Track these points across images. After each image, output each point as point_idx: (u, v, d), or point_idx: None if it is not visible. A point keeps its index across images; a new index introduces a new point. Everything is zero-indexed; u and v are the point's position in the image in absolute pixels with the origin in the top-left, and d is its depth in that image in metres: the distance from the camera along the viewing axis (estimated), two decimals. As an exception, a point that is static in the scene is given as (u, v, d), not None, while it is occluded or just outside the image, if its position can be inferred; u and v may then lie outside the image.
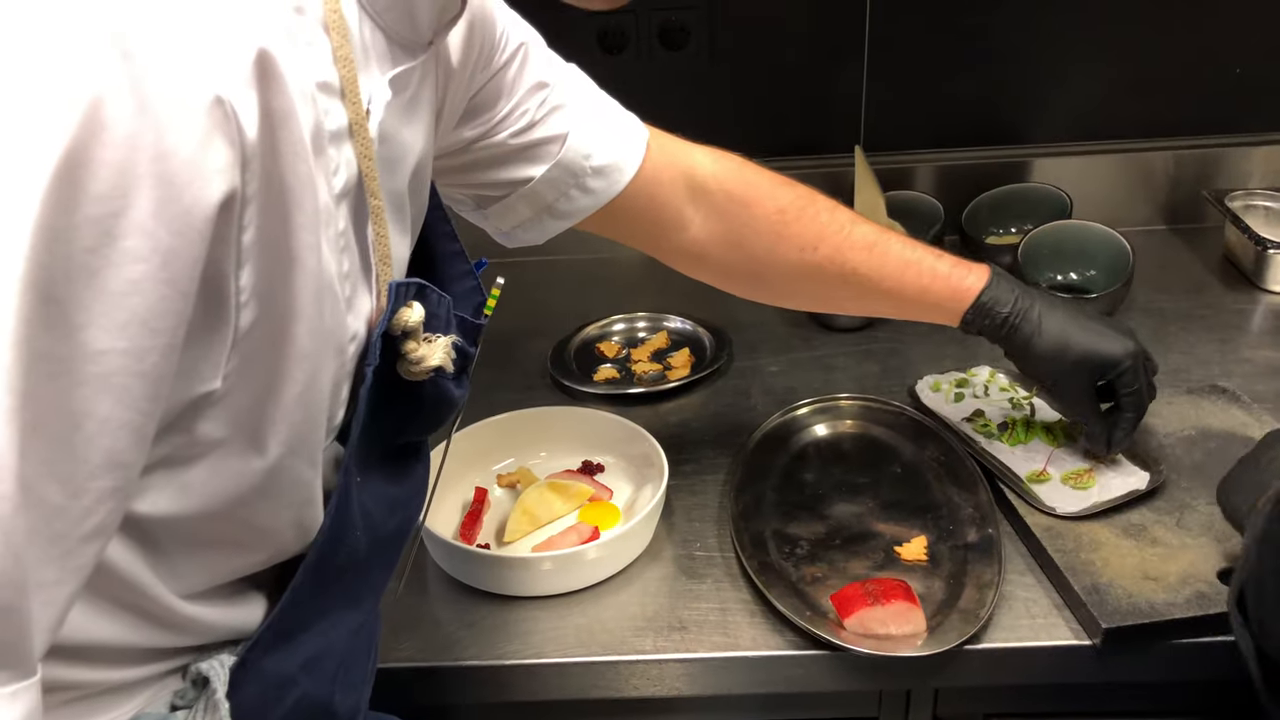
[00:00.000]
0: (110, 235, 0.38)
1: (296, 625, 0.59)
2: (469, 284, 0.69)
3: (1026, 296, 0.95)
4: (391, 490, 0.65)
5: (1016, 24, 1.42)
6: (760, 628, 0.89)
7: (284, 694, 0.59)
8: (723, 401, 1.20)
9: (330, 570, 0.59)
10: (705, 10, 1.40)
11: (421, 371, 0.59)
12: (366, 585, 0.65)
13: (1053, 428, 1.05)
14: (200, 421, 0.48)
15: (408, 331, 0.57)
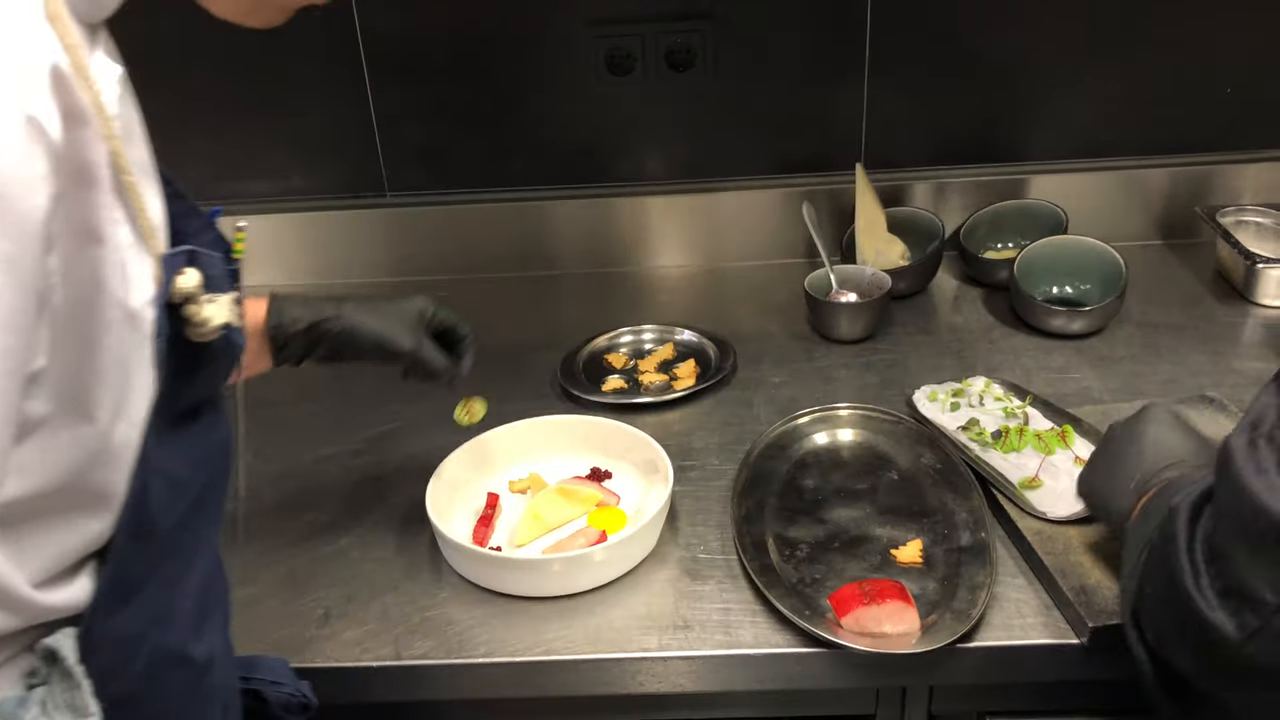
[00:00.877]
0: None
1: (132, 586, 0.62)
2: (211, 235, 0.70)
3: (321, 304, 0.97)
4: (195, 449, 0.68)
5: (1014, 45, 1.46)
6: (761, 627, 0.93)
7: (137, 650, 0.63)
8: (727, 411, 1.24)
9: (147, 531, 0.62)
10: (710, 32, 1.45)
11: (211, 331, 0.62)
12: (195, 539, 0.69)
13: (1044, 436, 1.09)
14: (28, 401, 0.53)
15: (188, 297, 0.60)
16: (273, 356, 0.97)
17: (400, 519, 1.09)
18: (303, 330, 0.95)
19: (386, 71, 1.49)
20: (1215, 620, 0.59)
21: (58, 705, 0.58)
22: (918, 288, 1.46)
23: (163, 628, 0.65)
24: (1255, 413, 0.60)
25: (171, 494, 0.64)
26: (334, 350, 0.97)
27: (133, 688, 0.63)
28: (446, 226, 1.57)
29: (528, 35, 1.47)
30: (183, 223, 0.68)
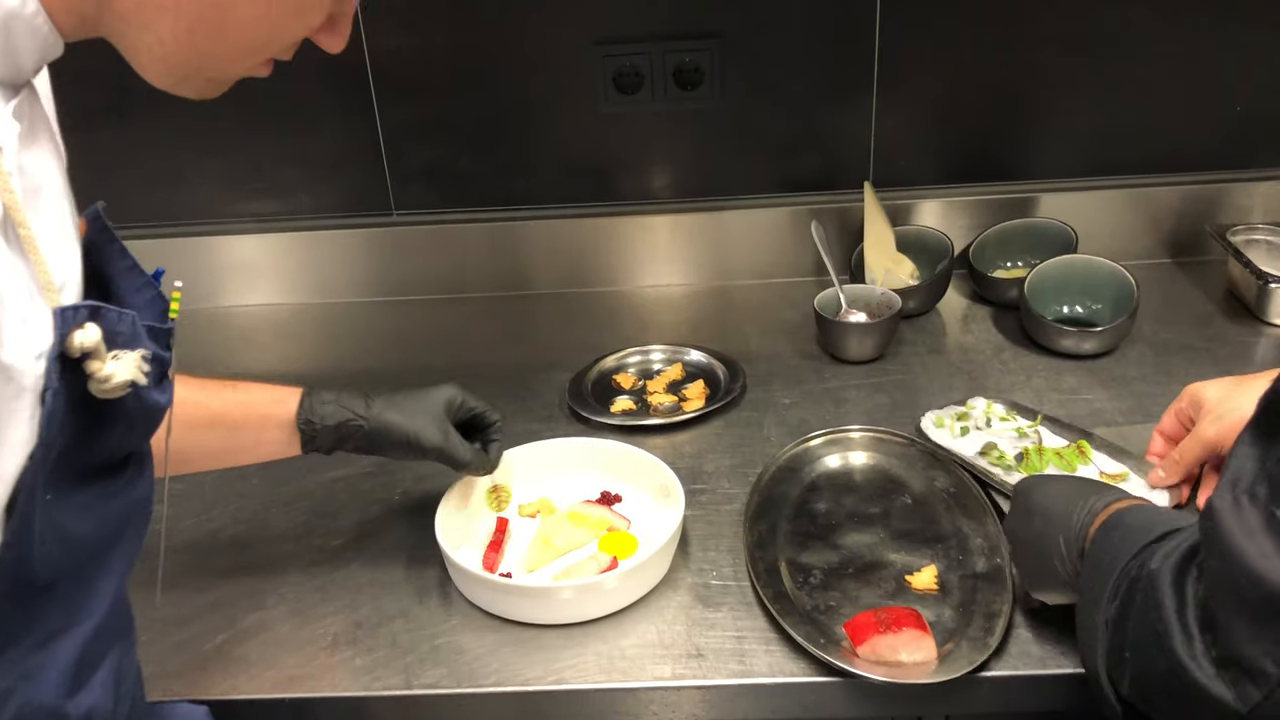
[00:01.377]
0: None
1: (3, 640, 0.60)
2: (149, 294, 0.69)
3: (352, 401, 1.00)
4: (100, 504, 0.66)
5: (1023, 63, 1.46)
6: (775, 655, 0.92)
7: (1, 706, 0.61)
8: (736, 433, 1.23)
9: (24, 587, 0.60)
10: (719, 51, 1.44)
11: (113, 389, 0.60)
12: (86, 594, 0.67)
13: (1064, 453, 1.08)
14: None
15: (88, 353, 0.59)
16: (302, 447, 1.00)
17: (410, 543, 1.08)
18: (331, 428, 0.99)
19: (394, 91, 1.49)
20: (1214, 691, 0.57)
21: None
22: (927, 307, 1.45)
23: (33, 684, 0.63)
24: (1233, 470, 0.58)
25: (63, 550, 0.62)
26: (362, 447, 1.01)
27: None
28: (453, 245, 1.57)
29: (535, 54, 1.47)
30: (120, 280, 0.68)
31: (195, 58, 0.64)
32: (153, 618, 0.98)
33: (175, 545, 1.08)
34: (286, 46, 0.69)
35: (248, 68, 0.67)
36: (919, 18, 1.43)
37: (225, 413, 0.96)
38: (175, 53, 0.63)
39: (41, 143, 0.63)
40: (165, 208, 1.55)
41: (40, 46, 0.60)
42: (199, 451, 0.97)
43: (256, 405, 0.98)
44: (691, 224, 1.55)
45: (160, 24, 0.61)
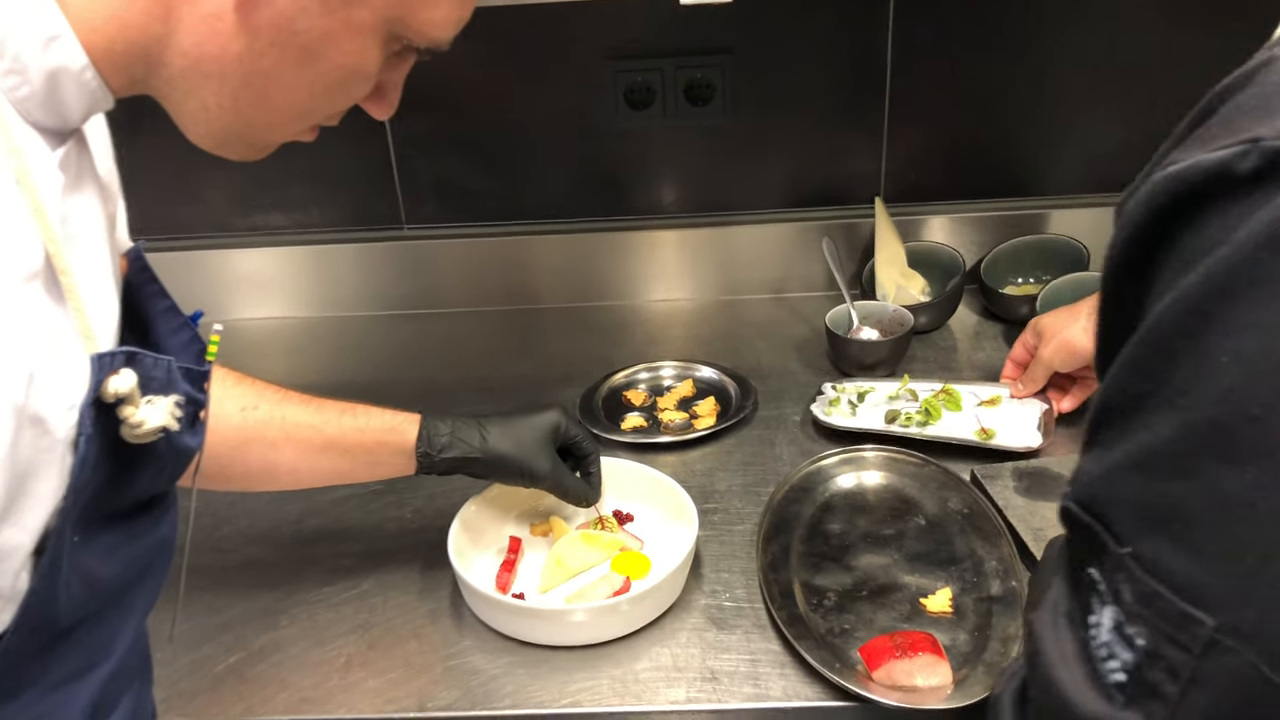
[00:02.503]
0: None
1: (21, 683, 0.60)
2: (186, 335, 0.71)
3: (468, 431, 1.02)
4: (125, 545, 0.66)
5: (1034, 78, 1.46)
6: (790, 679, 0.91)
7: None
8: (748, 451, 1.23)
9: (47, 629, 0.61)
10: (730, 67, 1.44)
11: (145, 434, 0.60)
12: (108, 635, 0.67)
13: (938, 396, 1.25)
14: None
15: (122, 398, 0.59)
16: (417, 471, 1.02)
17: (421, 562, 1.08)
18: (450, 459, 1.01)
19: (404, 105, 1.48)
20: None
21: None
22: (938, 323, 1.45)
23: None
24: (1054, 591, 0.55)
25: (87, 593, 0.63)
26: (476, 474, 1.04)
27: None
28: (463, 259, 1.57)
29: (547, 69, 1.47)
30: (158, 323, 0.69)
31: (239, 124, 0.65)
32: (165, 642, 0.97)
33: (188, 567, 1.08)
34: (331, 115, 0.69)
35: (291, 134, 0.68)
36: (930, 34, 1.43)
37: (341, 437, 0.98)
38: (219, 118, 0.64)
39: (86, 190, 0.64)
40: (178, 221, 1.55)
41: (88, 101, 0.60)
42: (313, 473, 1.00)
43: (374, 432, 0.99)
44: (702, 239, 1.55)
45: (205, 90, 0.62)
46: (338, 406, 1.00)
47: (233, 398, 0.95)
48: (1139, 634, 0.47)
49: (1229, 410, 0.44)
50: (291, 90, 0.64)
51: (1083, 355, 1.17)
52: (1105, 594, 0.49)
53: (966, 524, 1.06)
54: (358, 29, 0.63)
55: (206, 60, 0.61)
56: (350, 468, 1.00)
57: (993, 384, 1.27)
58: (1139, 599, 0.47)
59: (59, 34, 0.57)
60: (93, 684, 0.65)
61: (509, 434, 1.02)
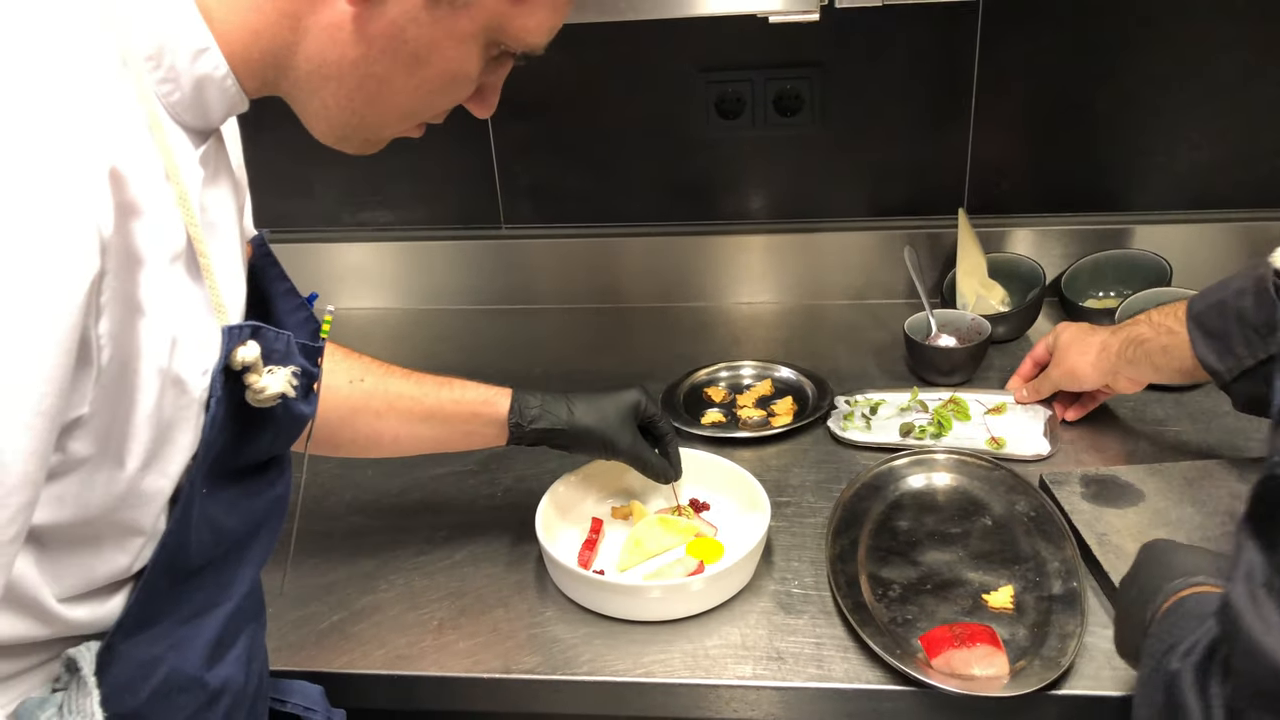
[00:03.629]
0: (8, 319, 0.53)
1: (157, 614, 0.69)
2: (303, 315, 0.79)
3: (556, 405, 1.09)
4: (246, 500, 0.75)
5: (1120, 95, 1.47)
6: (853, 662, 0.96)
7: (151, 671, 0.70)
8: (823, 450, 1.28)
9: (180, 568, 0.69)
10: (818, 80, 1.49)
11: (266, 399, 0.69)
12: (230, 579, 0.76)
13: (947, 406, 1.30)
14: (71, 441, 0.60)
15: (248, 366, 0.67)
16: (509, 441, 1.10)
17: (510, 537, 1.16)
18: (539, 430, 1.08)
19: (506, 112, 1.57)
20: None
21: (73, 710, 0.65)
22: (1017, 333, 1.47)
23: (179, 654, 0.72)
24: (1245, 564, 0.57)
25: (213, 540, 0.72)
26: (561, 445, 1.11)
27: (143, 706, 0.70)
28: (557, 258, 1.65)
29: (642, 79, 1.54)
30: (279, 302, 0.78)
31: (355, 121, 0.73)
32: (277, 595, 1.07)
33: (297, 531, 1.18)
34: (436, 114, 0.77)
35: (401, 130, 0.76)
36: (1017, 50, 1.46)
37: (439, 408, 1.07)
38: (338, 116, 0.72)
39: (222, 184, 0.73)
40: (294, 216, 1.67)
41: (228, 104, 0.69)
42: (413, 441, 1.08)
43: (469, 403, 1.08)
44: (786, 244, 1.60)
45: (326, 91, 0.70)
46: (436, 380, 1.08)
47: (342, 371, 1.04)
48: None
49: None
50: (401, 92, 0.72)
51: (1086, 384, 1.22)
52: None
53: (1032, 526, 1.09)
54: (461, 37, 0.70)
55: (327, 65, 0.69)
56: (448, 436, 1.08)
57: (998, 392, 1.33)
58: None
59: (206, 46, 0.66)
60: (216, 620, 0.75)
61: (593, 409, 1.09)
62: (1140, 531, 1.06)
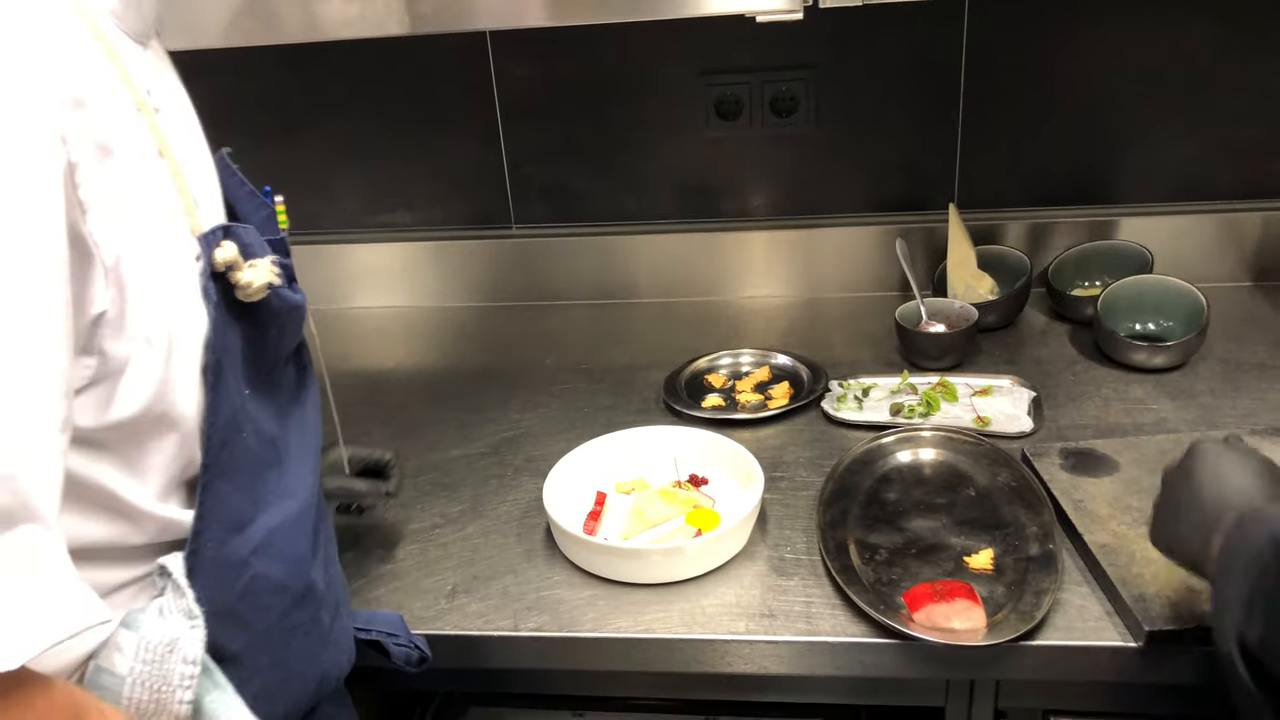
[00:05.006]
0: None
1: (230, 518, 0.76)
2: (266, 212, 0.85)
3: None
4: (282, 402, 0.81)
5: (1105, 89, 1.54)
6: (839, 619, 1.02)
7: (240, 574, 0.77)
8: (817, 429, 1.34)
9: (239, 471, 0.76)
10: (813, 81, 1.57)
11: (257, 291, 0.75)
12: (292, 482, 0.82)
13: (935, 389, 1.35)
14: (105, 341, 0.66)
15: (230, 265, 0.73)
16: None
17: (520, 512, 1.22)
18: None
19: (517, 117, 1.66)
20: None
21: (172, 611, 0.72)
22: (1006, 321, 1.54)
23: (264, 558, 0.79)
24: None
25: (260, 443, 0.78)
26: None
27: (235, 605, 0.77)
28: (566, 257, 1.72)
29: (645, 83, 1.62)
30: (244, 205, 0.84)
31: None
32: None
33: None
34: None
35: None
36: (1003, 50, 1.52)
37: None
38: None
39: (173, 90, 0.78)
40: (317, 218, 1.75)
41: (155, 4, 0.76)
42: None
43: None
44: (785, 240, 1.67)
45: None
46: None
47: None
48: None
49: None
50: None
51: None
52: None
53: (1013, 495, 1.15)
54: None
55: None
56: None
57: (985, 375, 1.40)
58: None
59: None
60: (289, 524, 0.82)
61: None
62: (1115, 498, 1.12)
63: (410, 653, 1.00)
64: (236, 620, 0.77)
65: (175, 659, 0.70)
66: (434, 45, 1.54)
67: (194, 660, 0.71)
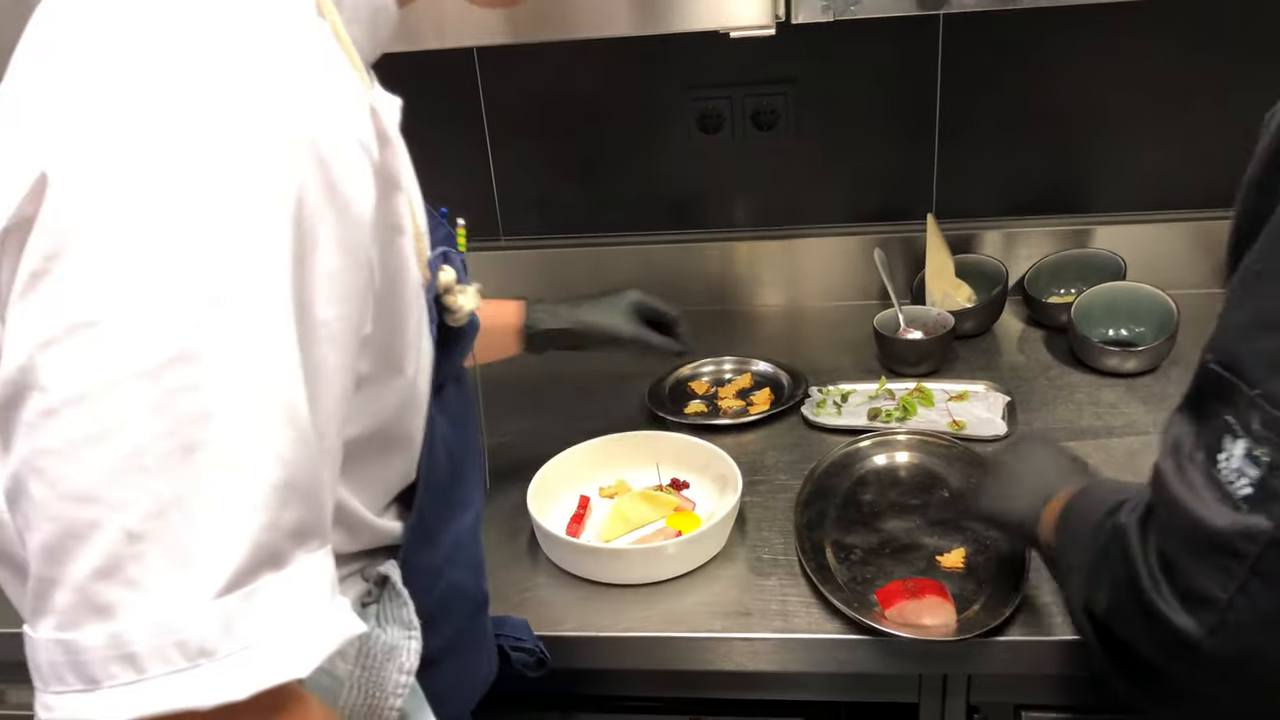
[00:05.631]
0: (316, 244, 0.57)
1: (432, 528, 0.78)
2: (444, 231, 0.86)
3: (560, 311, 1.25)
4: (452, 414, 0.83)
5: (1077, 104, 1.57)
6: (814, 616, 1.05)
7: (438, 581, 0.79)
8: (796, 434, 1.37)
9: (438, 481, 0.78)
10: (793, 95, 1.60)
11: (464, 316, 0.78)
12: (468, 490, 0.85)
13: (913, 394, 1.38)
14: (361, 362, 0.66)
15: (447, 289, 0.76)
16: (522, 346, 1.24)
17: (505, 517, 1.25)
18: (548, 330, 1.23)
19: (504, 131, 1.69)
20: (1180, 623, 0.67)
21: (389, 620, 0.74)
22: (983, 328, 1.57)
23: (452, 566, 0.82)
24: (1173, 439, 0.70)
25: (446, 453, 0.80)
26: (575, 344, 1.25)
27: (430, 612, 0.77)
28: (553, 268, 1.75)
29: (629, 98, 1.65)
30: (431, 225, 0.85)
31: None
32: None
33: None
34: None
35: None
36: (978, 63, 1.56)
37: None
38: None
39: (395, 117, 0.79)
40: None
41: (390, 28, 0.74)
42: None
43: (491, 313, 1.16)
44: (767, 250, 1.70)
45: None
46: None
47: None
48: (1265, 453, 0.62)
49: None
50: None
51: None
52: (1237, 429, 0.64)
53: (985, 496, 1.18)
54: None
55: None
56: None
57: (961, 381, 1.43)
58: (1265, 425, 0.62)
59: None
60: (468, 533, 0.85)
61: (596, 308, 1.24)
62: (1083, 498, 1.15)
63: (528, 658, 1.02)
64: (433, 627, 0.78)
65: (392, 667, 0.72)
66: (421, 60, 1.58)
67: (409, 670, 0.72)
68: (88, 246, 0.52)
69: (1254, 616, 0.63)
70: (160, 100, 0.54)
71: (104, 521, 0.52)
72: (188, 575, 0.52)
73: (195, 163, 0.54)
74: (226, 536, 0.53)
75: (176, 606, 0.52)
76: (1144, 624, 0.70)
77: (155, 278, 0.52)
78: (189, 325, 0.52)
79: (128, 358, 0.52)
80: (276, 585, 0.55)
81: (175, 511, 0.52)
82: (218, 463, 0.53)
